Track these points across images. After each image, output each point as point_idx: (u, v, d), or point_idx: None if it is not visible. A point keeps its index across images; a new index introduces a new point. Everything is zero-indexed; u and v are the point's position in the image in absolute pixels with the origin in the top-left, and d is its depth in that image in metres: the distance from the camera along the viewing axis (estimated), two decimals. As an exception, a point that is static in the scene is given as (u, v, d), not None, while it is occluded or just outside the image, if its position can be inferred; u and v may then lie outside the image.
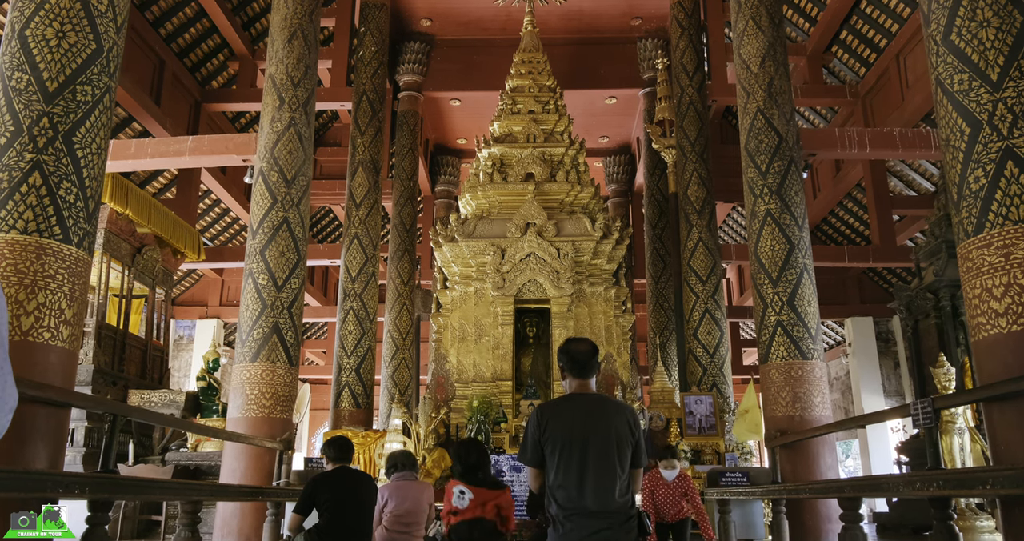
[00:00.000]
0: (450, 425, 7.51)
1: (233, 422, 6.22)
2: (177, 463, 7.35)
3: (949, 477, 3.07)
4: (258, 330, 6.33)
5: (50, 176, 3.82)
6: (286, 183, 6.72)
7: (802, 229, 6.50)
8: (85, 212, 3.96)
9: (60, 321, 3.77)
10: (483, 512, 3.16)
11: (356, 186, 10.05)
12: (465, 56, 12.70)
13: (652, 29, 12.44)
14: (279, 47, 7.10)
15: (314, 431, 18.63)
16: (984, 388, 3.48)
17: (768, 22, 6.90)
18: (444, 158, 15.57)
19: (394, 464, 4.31)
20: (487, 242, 8.25)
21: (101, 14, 4.14)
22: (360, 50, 10.79)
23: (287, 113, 6.90)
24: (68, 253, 3.85)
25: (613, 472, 2.40)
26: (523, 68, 9.55)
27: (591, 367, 2.58)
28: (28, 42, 3.94)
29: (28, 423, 3.52)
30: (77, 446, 7.49)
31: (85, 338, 8.08)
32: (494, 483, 3.35)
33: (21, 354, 3.58)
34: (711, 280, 9.44)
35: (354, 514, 4.02)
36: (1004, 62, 3.56)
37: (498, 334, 8.04)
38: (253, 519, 5.77)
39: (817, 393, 6.10)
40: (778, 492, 5.31)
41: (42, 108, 3.86)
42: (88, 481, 3.05)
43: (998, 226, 3.47)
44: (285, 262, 6.53)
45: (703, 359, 9.13)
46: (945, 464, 4.09)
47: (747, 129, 6.85)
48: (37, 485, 2.67)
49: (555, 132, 9.06)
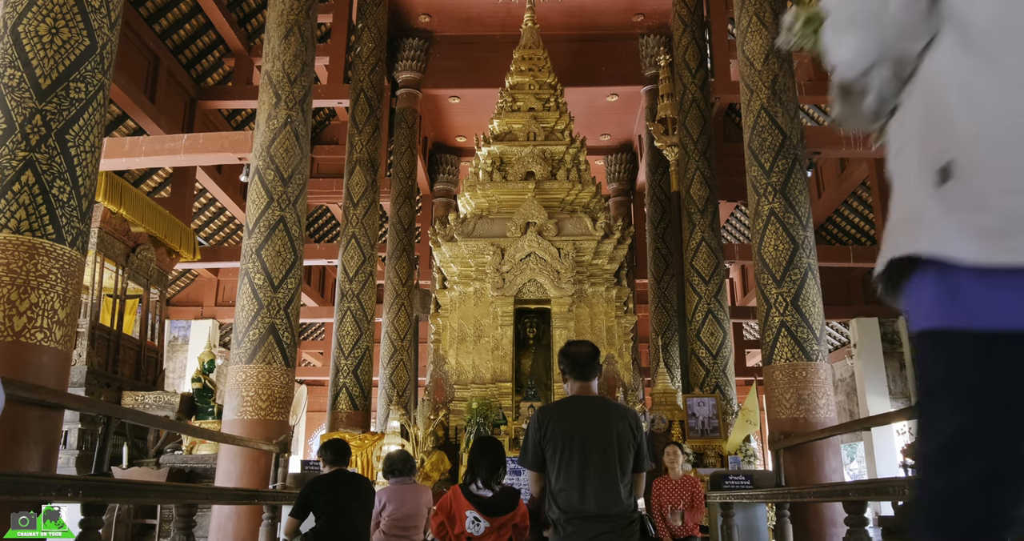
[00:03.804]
0: (449, 427, 7.45)
1: (229, 424, 6.16)
2: (172, 466, 7.28)
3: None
4: (254, 331, 6.26)
5: (43, 174, 3.76)
6: (282, 182, 6.65)
7: (806, 228, 6.45)
8: (78, 211, 3.90)
9: (53, 322, 3.71)
10: (499, 537, 3.09)
11: (354, 185, 9.98)
12: (464, 53, 12.63)
13: (654, 25, 12.37)
14: (275, 44, 7.03)
15: (311, 433, 18.55)
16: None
17: (772, 18, 6.85)
18: (443, 156, 15.50)
19: (392, 467, 4.25)
20: (487, 241, 8.18)
21: (95, 10, 4.07)
22: (358, 47, 10.71)
23: (283, 111, 6.83)
24: (61, 253, 3.78)
25: (615, 476, 2.40)
26: (523, 65, 9.49)
27: (592, 369, 2.56)
28: (21, 38, 3.88)
29: (20, 425, 3.46)
30: (70, 448, 7.41)
31: (78, 339, 8.00)
32: (507, 502, 3.19)
33: (13, 355, 3.53)
34: (714, 280, 9.38)
35: (351, 518, 3.98)
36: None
37: (498, 335, 7.98)
38: (249, 523, 5.71)
39: (822, 395, 6.06)
40: (782, 495, 5.26)
41: (35, 105, 3.80)
42: (81, 484, 3.01)
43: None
44: (281, 262, 6.46)
45: (706, 360, 9.06)
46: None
47: (751, 127, 6.79)
48: (29, 488, 2.63)
49: (556, 130, 9.00)
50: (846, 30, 1.00)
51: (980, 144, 0.83)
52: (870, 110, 1.04)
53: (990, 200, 0.81)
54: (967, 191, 0.83)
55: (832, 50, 1.03)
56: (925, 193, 0.87)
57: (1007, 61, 0.83)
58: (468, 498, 3.14)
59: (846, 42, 1.00)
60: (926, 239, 0.86)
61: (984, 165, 0.82)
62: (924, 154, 0.89)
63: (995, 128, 0.82)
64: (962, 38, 0.87)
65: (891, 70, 0.99)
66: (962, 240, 0.82)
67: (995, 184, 0.81)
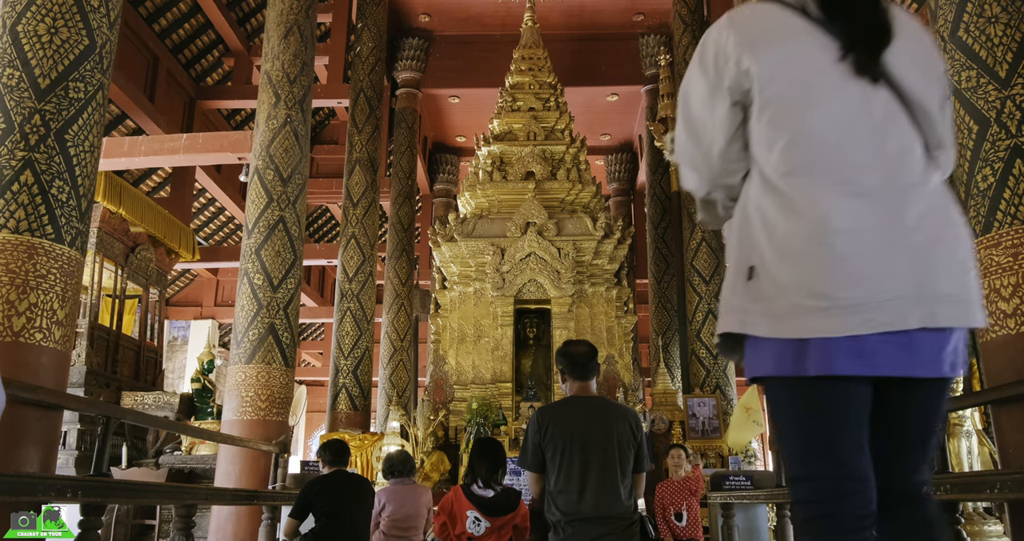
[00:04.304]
0: (449, 428, 7.45)
1: (228, 425, 6.15)
2: (171, 466, 7.27)
3: (956, 481, 3.03)
4: (253, 331, 6.25)
5: (42, 174, 3.75)
6: (282, 181, 6.64)
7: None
8: (78, 211, 3.89)
9: (52, 322, 3.71)
10: (499, 537, 3.09)
11: (353, 185, 9.97)
12: (464, 52, 12.62)
13: (655, 25, 12.36)
14: (275, 43, 7.02)
15: (310, 434, 18.54)
16: (992, 390, 3.43)
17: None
18: (443, 156, 15.49)
19: (392, 468, 4.25)
20: (486, 241, 8.17)
21: (94, 9, 4.07)
22: (357, 46, 10.70)
23: (283, 110, 6.82)
24: (60, 253, 3.78)
25: (615, 477, 2.39)
26: (523, 64, 9.48)
27: (591, 369, 2.55)
28: (20, 38, 3.87)
29: (19, 426, 3.45)
30: (70, 449, 7.40)
31: (78, 339, 7.98)
32: (508, 502, 3.20)
33: (12, 355, 3.52)
34: (715, 280, 9.36)
35: (351, 518, 3.97)
36: (1012, 59, 3.51)
37: (498, 335, 7.97)
38: (248, 523, 5.70)
39: (821, 395, 6.03)
40: (783, 496, 5.25)
41: (34, 105, 3.80)
42: (80, 485, 3.00)
43: (1006, 225, 3.43)
44: (281, 262, 6.45)
45: (706, 361, 9.05)
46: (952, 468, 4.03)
47: (750, 127, 6.78)
48: (28, 489, 2.62)
49: (556, 130, 8.99)
50: (687, 167, 1.40)
51: (769, 256, 1.21)
52: (722, 217, 1.41)
53: (773, 295, 1.19)
54: (762, 288, 1.21)
55: (682, 179, 1.44)
56: (739, 286, 1.25)
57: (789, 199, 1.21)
58: (469, 498, 3.14)
59: (689, 176, 1.41)
60: (738, 321, 1.24)
61: (772, 270, 1.20)
62: (739, 257, 1.27)
63: (779, 246, 1.20)
64: (762, 178, 1.26)
65: (724, 193, 1.38)
66: (760, 322, 1.21)
67: (776, 284, 1.19)
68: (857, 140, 1.21)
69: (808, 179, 1.21)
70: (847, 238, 1.16)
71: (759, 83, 1.25)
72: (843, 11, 1.25)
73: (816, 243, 1.17)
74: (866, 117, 1.22)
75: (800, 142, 1.22)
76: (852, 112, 1.22)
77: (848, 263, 1.16)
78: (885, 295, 1.15)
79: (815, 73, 1.23)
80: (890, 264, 1.16)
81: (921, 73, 1.27)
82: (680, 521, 4.87)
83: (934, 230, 1.20)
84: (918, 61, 1.27)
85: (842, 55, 1.22)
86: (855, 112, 1.22)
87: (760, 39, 1.28)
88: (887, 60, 1.24)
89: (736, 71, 1.27)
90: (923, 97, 1.25)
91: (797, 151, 1.22)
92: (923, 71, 1.27)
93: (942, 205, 1.23)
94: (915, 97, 1.25)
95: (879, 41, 1.24)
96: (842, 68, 1.22)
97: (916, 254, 1.17)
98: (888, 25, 1.26)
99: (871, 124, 1.22)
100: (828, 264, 1.16)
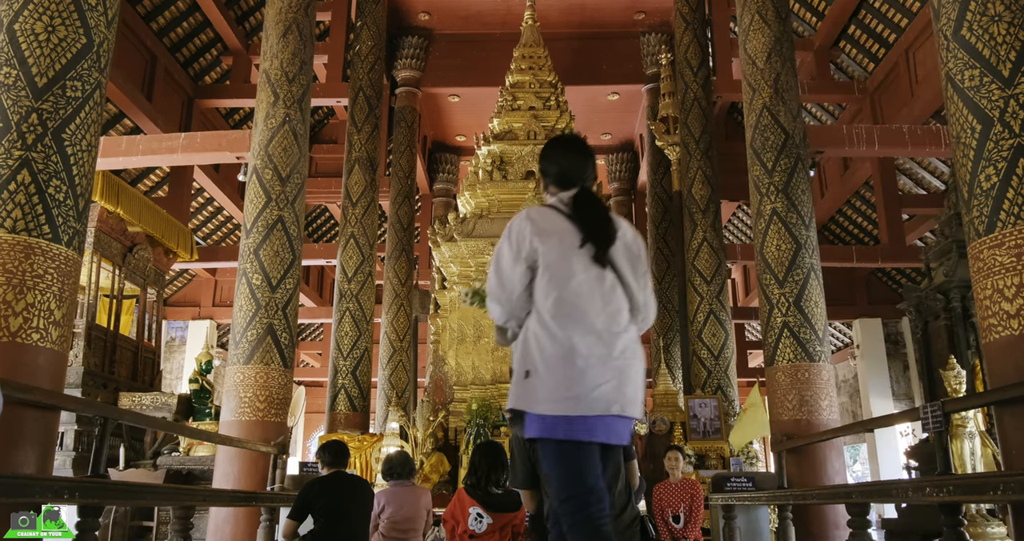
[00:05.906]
0: (448, 429, 7.42)
1: (226, 426, 6.12)
2: (169, 467, 7.23)
3: (959, 482, 3.03)
4: (252, 331, 6.22)
5: (39, 174, 3.72)
6: (281, 181, 6.61)
7: (809, 228, 6.41)
8: (75, 210, 3.86)
9: (49, 322, 3.68)
10: (500, 537, 3.09)
11: (352, 184, 9.93)
12: (464, 51, 12.58)
13: (656, 23, 12.32)
14: (273, 42, 6.99)
15: (309, 435, 18.51)
16: (995, 391, 3.41)
17: (774, 16, 6.81)
18: (442, 155, 15.45)
19: (391, 469, 4.23)
20: (487, 241, 8.15)
21: (91, 8, 4.03)
22: (356, 45, 10.66)
23: (282, 109, 6.79)
24: (57, 252, 3.75)
25: None
26: (523, 63, 9.45)
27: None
28: (17, 36, 3.84)
29: (16, 426, 3.43)
30: (67, 450, 7.36)
31: (75, 339, 7.95)
32: (510, 501, 3.21)
33: (9, 356, 3.49)
34: (716, 280, 9.33)
35: (350, 520, 3.96)
36: (1016, 57, 3.49)
37: (497, 335, 7.95)
38: (247, 525, 5.68)
39: (824, 396, 6.01)
40: (784, 498, 5.23)
41: (31, 104, 3.76)
42: (77, 486, 3.00)
43: (1010, 225, 3.41)
44: (280, 262, 6.42)
45: (707, 361, 9.01)
46: (955, 469, 4.01)
47: (753, 126, 6.75)
48: (25, 490, 2.62)
49: (556, 129, 8.97)
50: (494, 303, 2.10)
51: (539, 366, 1.97)
52: (511, 339, 2.15)
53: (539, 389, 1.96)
54: (533, 385, 1.98)
55: (489, 311, 2.14)
56: (521, 382, 2.02)
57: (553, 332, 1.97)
58: (472, 495, 3.15)
59: (495, 309, 2.10)
60: (521, 403, 2.01)
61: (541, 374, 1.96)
62: (521, 364, 2.03)
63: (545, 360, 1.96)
64: (539, 316, 2.02)
65: (518, 322, 2.10)
66: (533, 404, 1.97)
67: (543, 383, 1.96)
68: (594, 301, 1.99)
69: (566, 321, 1.96)
70: (583, 360, 1.93)
71: (542, 258, 2.02)
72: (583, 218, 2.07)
73: (567, 361, 1.93)
74: (599, 287, 2.01)
75: (564, 298, 1.98)
76: (592, 283, 2.01)
77: (583, 374, 1.92)
78: (601, 394, 1.92)
79: (573, 255, 2.02)
80: (605, 377, 1.93)
81: (629, 264, 2.09)
82: (678, 523, 4.85)
83: (627, 360, 2.00)
84: (627, 256, 2.10)
85: (580, 244, 2.03)
86: (594, 284, 2.01)
87: (543, 230, 2.04)
88: (612, 254, 2.05)
89: (529, 248, 2.03)
90: (630, 280, 2.08)
91: (562, 303, 1.98)
92: (630, 262, 2.10)
93: (634, 345, 2.04)
94: (626, 280, 2.07)
95: (607, 243, 2.05)
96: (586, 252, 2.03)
97: (618, 373, 1.96)
98: (612, 233, 2.07)
99: (601, 292, 2.01)
100: (573, 374, 1.92)
